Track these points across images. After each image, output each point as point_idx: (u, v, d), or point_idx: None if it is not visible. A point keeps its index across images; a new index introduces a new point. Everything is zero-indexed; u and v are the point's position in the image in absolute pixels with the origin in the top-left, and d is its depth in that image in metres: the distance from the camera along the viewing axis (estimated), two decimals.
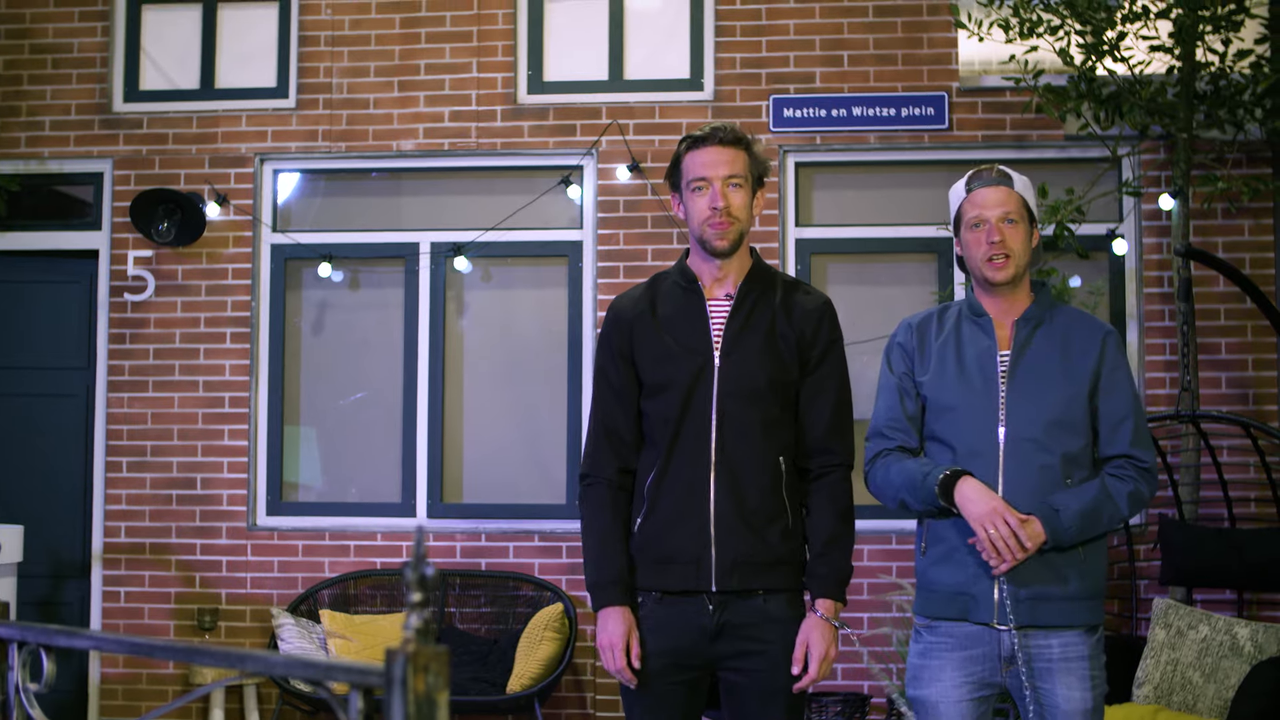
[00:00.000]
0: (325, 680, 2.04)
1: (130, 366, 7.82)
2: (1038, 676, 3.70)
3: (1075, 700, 3.67)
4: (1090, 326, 3.82)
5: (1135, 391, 3.78)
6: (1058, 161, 7.52)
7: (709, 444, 3.67)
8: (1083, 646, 3.69)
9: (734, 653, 3.67)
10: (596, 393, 3.87)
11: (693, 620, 3.66)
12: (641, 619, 3.72)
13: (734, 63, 7.68)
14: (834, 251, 7.60)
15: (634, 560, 3.75)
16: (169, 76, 8.02)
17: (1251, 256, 7.36)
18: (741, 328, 3.72)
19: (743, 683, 3.68)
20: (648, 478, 3.73)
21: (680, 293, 3.80)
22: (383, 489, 7.84)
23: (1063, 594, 3.68)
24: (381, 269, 7.96)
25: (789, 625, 3.70)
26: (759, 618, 3.67)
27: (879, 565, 7.26)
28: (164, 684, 7.68)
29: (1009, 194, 3.83)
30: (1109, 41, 6.83)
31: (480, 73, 7.80)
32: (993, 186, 3.85)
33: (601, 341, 3.90)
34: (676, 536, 3.66)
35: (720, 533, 3.64)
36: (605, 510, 3.76)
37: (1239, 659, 5.59)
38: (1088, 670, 3.69)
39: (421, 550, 1.85)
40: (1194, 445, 6.81)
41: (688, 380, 3.69)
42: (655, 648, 3.69)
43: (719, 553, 3.64)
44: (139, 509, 7.75)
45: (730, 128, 3.74)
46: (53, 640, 2.53)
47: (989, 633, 3.73)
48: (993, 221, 3.79)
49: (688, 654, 3.68)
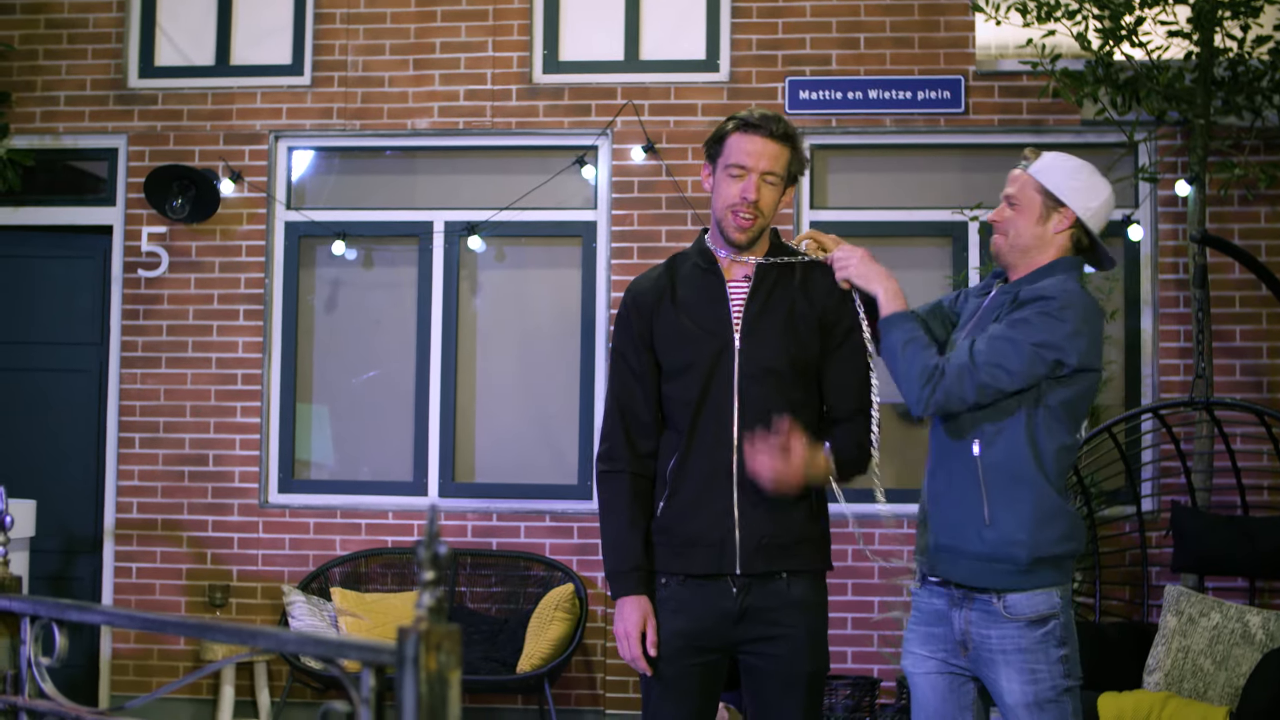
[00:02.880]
0: (337, 658, 2.04)
1: (143, 343, 7.83)
2: (984, 665, 3.70)
3: (1015, 693, 3.64)
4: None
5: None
6: (1074, 146, 7.47)
7: (731, 426, 3.64)
8: (1020, 639, 3.64)
9: (756, 637, 3.64)
10: (614, 375, 3.83)
11: (716, 603, 3.63)
12: (663, 600, 3.68)
13: (750, 44, 7.65)
14: (849, 234, 7.41)
15: (657, 543, 3.72)
16: (184, 53, 8.02)
17: (1268, 244, 7.33)
18: (761, 309, 3.69)
19: (764, 667, 3.66)
20: (670, 461, 3.69)
21: (699, 274, 3.76)
22: (395, 468, 7.85)
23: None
24: (395, 247, 7.95)
25: (812, 611, 3.69)
26: (781, 601, 3.64)
27: (891, 549, 7.25)
28: (175, 660, 7.70)
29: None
30: (1127, 26, 6.80)
31: (496, 52, 7.78)
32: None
33: (619, 324, 3.85)
34: (700, 520, 3.63)
35: (744, 515, 3.62)
36: (624, 496, 3.72)
37: (1250, 647, 5.58)
38: (1026, 663, 3.63)
39: (434, 529, 1.85)
40: (1207, 432, 6.79)
41: (708, 363, 3.66)
42: (675, 629, 3.65)
43: (743, 535, 3.61)
44: (151, 485, 7.77)
45: (783, 121, 3.69)
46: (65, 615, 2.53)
47: (947, 614, 3.74)
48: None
49: (708, 636, 3.65)
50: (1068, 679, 3.66)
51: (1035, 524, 3.63)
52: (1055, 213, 3.78)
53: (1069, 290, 3.68)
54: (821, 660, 3.70)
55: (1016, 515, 3.63)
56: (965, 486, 3.69)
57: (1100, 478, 6.89)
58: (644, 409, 3.75)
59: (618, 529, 3.72)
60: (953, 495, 3.72)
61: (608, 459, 3.78)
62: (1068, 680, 3.65)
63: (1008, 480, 3.65)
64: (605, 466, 3.78)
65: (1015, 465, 3.66)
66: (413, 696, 1.83)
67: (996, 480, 3.65)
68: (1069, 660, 3.66)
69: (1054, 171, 3.80)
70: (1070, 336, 3.61)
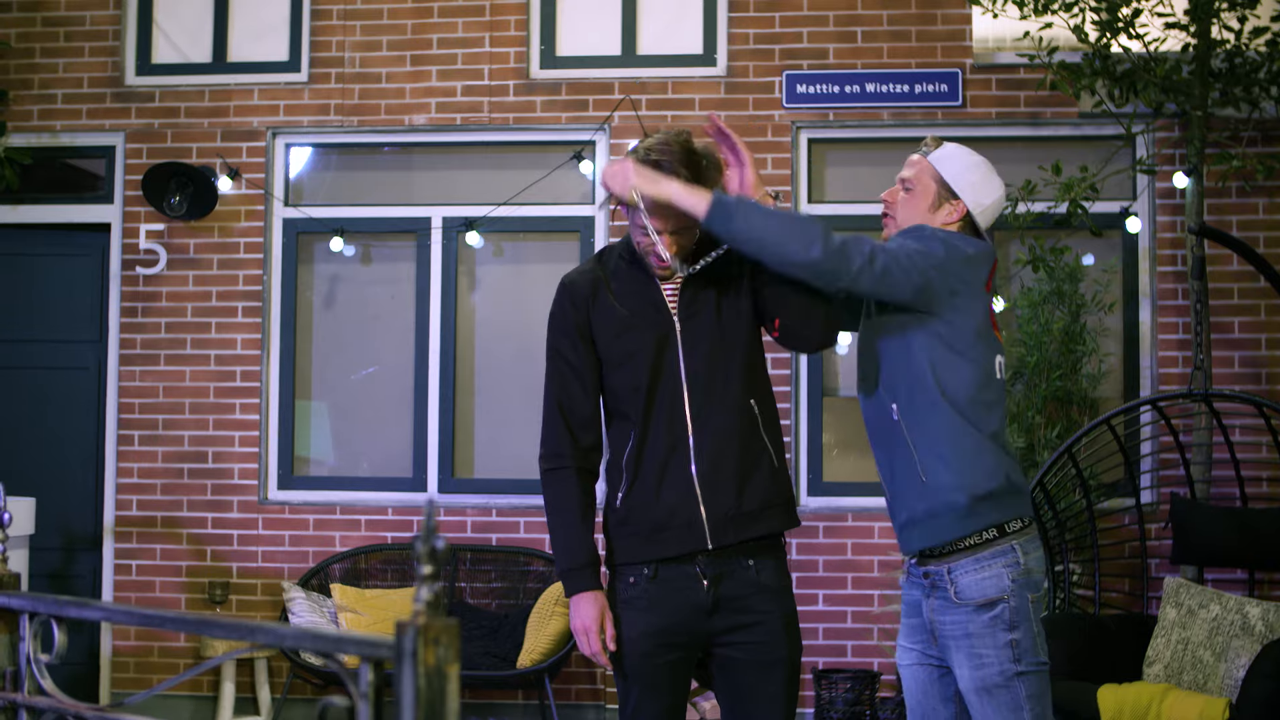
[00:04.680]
0: (336, 653, 2.04)
1: (142, 340, 7.83)
2: (946, 652, 3.70)
3: (965, 679, 3.63)
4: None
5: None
6: (1072, 139, 7.50)
7: (683, 405, 3.64)
8: (967, 624, 3.61)
9: (731, 626, 3.63)
10: (553, 373, 3.82)
11: (687, 597, 3.61)
12: (632, 599, 3.65)
13: (747, 38, 7.65)
14: (846, 228, 7.49)
15: (616, 537, 3.70)
16: (181, 50, 8.02)
17: (1266, 235, 7.33)
18: (696, 291, 3.68)
19: (740, 657, 3.63)
20: (625, 450, 3.69)
21: (627, 266, 3.74)
22: (394, 463, 7.85)
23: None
24: (393, 243, 7.95)
25: (781, 595, 3.68)
26: (751, 589, 3.63)
27: (889, 543, 7.25)
28: (175, 657, 7.71)
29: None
30: (1124, 18, 6.79)
31: (493, 47, 7.78)
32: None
33: (555, 321, 3.84)
34: (665, 502, 3.62)
35: (705, 490, 3.61)
36: (572, 493, 3.72)
37: (1250, 638, 5.59)
38: (973, 648, 3.61)
39: (432, 523, 1.85)
40: (1206, 424, 6.79)
41: (652, 348, 3.65)
42: (646, 627, 3.62)
43: (708, 510, 3.60)
44: (150, 482, 7.77)
45: (659, 149, 3.58)
46: (64, 611, 2.53)
47: (920, 604, 3.75)
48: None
49: (681, 631, 3.62)
50: (1017, 664, 3.58)
51: (960, 463, 3.62)
52: (947, 203, 3.83)
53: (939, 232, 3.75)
54: (797, 647, 3.68)
55: (943, 460, 3.62)
56: (899, 454, 3.69)
57: (1099, 470, 6.89)
58: (584, 404, 3.75)
59: (568, 526, 3.71)
60: (894, 467, 3.72)
61: (552, 458, 3.76)
62: (1018, 665, 3.58)
63: (927, 431, 3.64)
64: (549, 465, 3.76)
65: (927, 412, 3.64)
66: (411, 690, 1.83)
67: (919, 436, 3.64)
68: (1019, 645, 3.59)
69: (952, 162, 3.87)
70: (946, 255, 3.64)
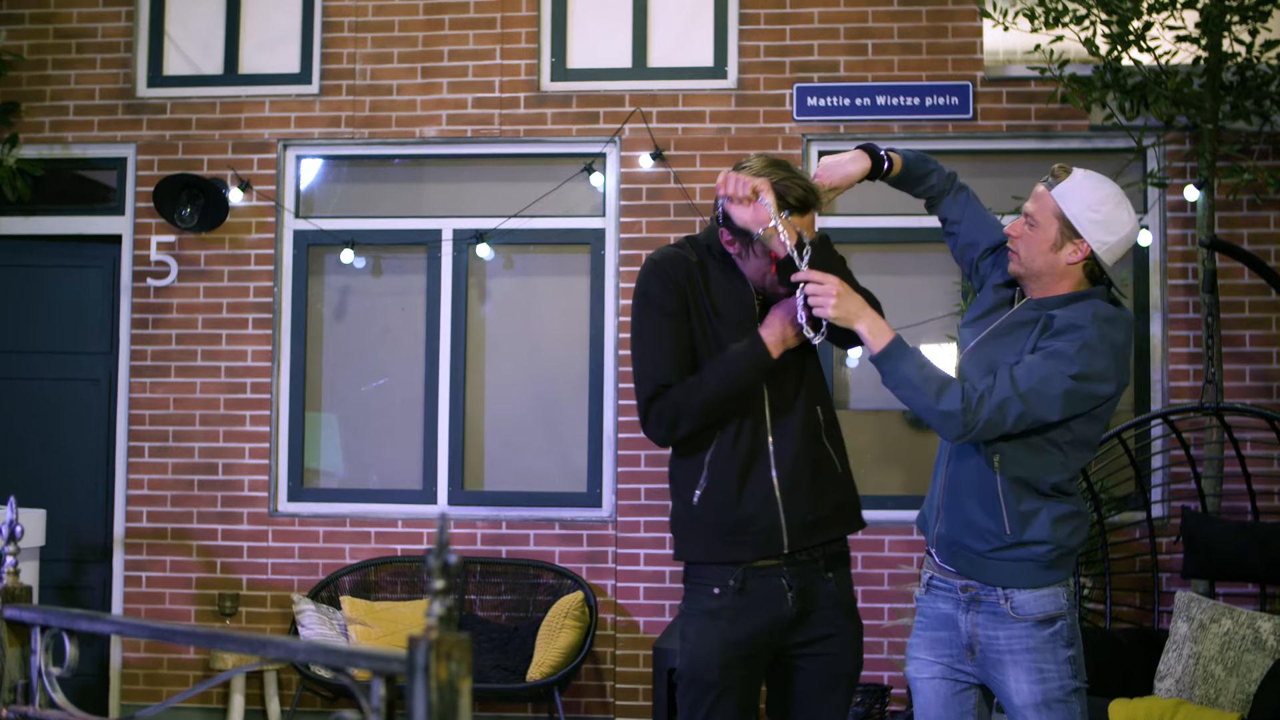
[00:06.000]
0: (347, 667, 2.04)
1: (152, 352, 7.84)
2: (991, 667, 3.69)
3: (1024, 694, 3.63)
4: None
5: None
6: (1082, 152, 7.48)
7: (764, 410, 3.69)
8: (1028, 639, 3.63)
9: (809, 639, 3.71)
10: (656, 329, 3.69)
11: (771, 610, 3.66)
12: (719, 610, 3.67)
13: (758, 50, 7.65)
14: (857, 241, 7.55)
15: (691, 532, 3.73)
16: (193, 62, 8.03)
17: (1277, 249, 7.32)
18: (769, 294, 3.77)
19: (811, 668, 3.72)
20: (706, 450, 3.69)
21: (717, 261, 3.77)
22: (404, 476, 7.85)
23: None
24: (404, 255, 7.96)
25: (854, 610, 3.80)
26: (830, 602, 3.73)
27: (900, 556, 7.24)
28: (185, 669, 7.71)
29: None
30: (1135, 31, 6.79)
31: (504, 59, 7.79)
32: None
33: (655, 286, 3.71)
34: (745, 507, 3.66)
35: (785, 497, 3.67)
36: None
37: (1262, 653, 5.57)
38: (1034, 663, 3.63)
39: (444, 537, 1.84)
40: (1217, 438, 6.78)
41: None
42: (732, 639, 3.66)
43: (788, 518, 3.66)
44: (160, 494, 7.78)
45: (800, 188, 3.71)
46: (75, 624, 2.53)
47: (953, 617, 3.74)
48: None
49: (760, 643, 3.67)
50: (1075, 679, 3.66)
51: (1052, 528, 3.65)
52: (1070, 242, 3.65)
53: (1100, 316, 3.58)
54: (861, 662, 3.81)
55: (1035, 527, 3.64)
56: (983, 493, 3.68)
57: (1110, 483, 6.88)
58: (692, 358, 3.70)
59: (717, 361, 3.66)
60: (970, 495, 3.71)
61: (666, 384, 3.66)
62: (1075, 681, 3.66)
63: (1027, 495, 3.65)
64: (664, 390, 3.67)
65: (1036, 487, 3.65)
66: (423, 705, 1.82)
67: (1015, 494, 3.64)
68: (1076, 661, 3.66)
69: (1075, 200, 3.65)
70: (1105, 370, 3.54)
